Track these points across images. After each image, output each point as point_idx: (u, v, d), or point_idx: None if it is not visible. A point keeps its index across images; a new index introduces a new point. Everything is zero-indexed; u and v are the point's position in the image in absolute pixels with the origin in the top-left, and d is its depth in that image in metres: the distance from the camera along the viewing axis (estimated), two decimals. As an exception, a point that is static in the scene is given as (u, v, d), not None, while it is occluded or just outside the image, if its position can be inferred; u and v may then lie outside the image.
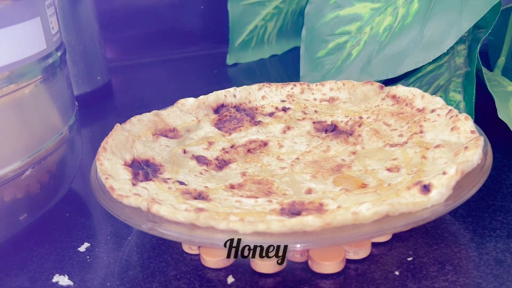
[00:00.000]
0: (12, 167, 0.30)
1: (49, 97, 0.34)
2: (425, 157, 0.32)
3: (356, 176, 0.33)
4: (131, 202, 0.29)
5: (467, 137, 0.32)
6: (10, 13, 0.30)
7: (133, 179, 0.32)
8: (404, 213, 0.26)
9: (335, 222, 0.25)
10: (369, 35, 0.49)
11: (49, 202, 0.35)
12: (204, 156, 0.36)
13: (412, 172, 0.31)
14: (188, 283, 0.29)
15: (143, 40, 0.78)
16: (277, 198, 0.30)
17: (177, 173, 0.34)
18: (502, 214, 0.33)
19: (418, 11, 0.46)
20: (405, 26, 0.47)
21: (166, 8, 0.77)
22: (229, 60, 0.72)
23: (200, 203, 0.29)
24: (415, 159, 0.33)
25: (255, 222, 0.26)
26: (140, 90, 0.67)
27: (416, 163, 0.32)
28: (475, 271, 0.28)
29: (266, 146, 0.38)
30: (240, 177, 0.34)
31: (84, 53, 0.59)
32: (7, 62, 0.30)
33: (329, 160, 0.36)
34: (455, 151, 0.31)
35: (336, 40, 0.51)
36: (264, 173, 0.35)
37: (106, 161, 0.32)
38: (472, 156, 0.29)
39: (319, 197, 0.30)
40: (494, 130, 0.38)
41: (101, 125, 0.56)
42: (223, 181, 0.34)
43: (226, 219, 0.26)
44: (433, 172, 0.30)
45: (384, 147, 0.36)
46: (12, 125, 0.30)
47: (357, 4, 0.50)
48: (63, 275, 0.31)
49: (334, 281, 0.28)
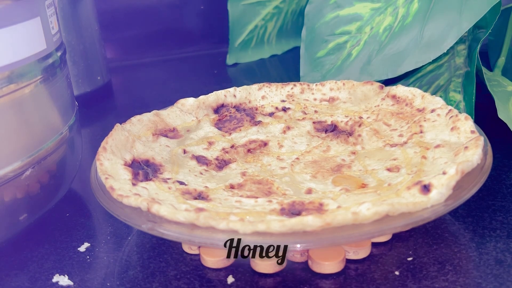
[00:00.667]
0: (12, 167, 0.30)
1: (49, 97, 0.34)
2: (425, 157, 0.32)
3: (356, 176, 0.33)
4: (131, 202, 0.29)
5: (467, 137, 0.32)
6: (10, 13, 0.30)
7: (133, 179, 0.32)
8: (404, 213, 0.26)
9: (335, 222, 0.25)
10: (369, 35, 0.49)
11: (49, 202, 0.35)
12: (204, 156, 0.36)
13: (412, 172, 0.31)
14: (188, 283, 0.29)
15: (143, 40, 0.78)
16: (277, 198, 0.30)
17: (177, 173, 0.34)
18: (502, 214, 0.33)
19: (418, 11, 0.46)
20: (405, 26, 0.47)
21: (166, 8, 0.77)
22: (229, 60, 0.72)
23: (200, 203, 0.29)
24: (415, 159, 0.33)
25: (255, 222, 0.26)
26: (140, 90, 0.67)
27: (416, 163, 0.32)
28: (475, 271, 0.28)
29: (266, 146, 0.38)
30: (240, 177, 0.34)
31: (84, 53, 0.59)
32: (7, 62, 0.30)
33: (329, 160, 0.36)
34: (455, 151, 0.31)
35: (336, 40, 0.51)
36: (264, 173, 0.35)
37: (106, 161, 0.32)
38: (472, 156, 0.29)
39: (319, 197, 0.30)
40: (494, 130, 0.38)
41: (101, 125, 0.56)
42: (223, 181, 0.34)
43: (226, 219, 0.26)
44: (433, 172, 0.30)
45: (384, 147, 0.36)
46: (12, 125, 0.30)
47: (357, 4, 0.50)
48: (63, 275, 0.31)
49: (334, 281, 0.28)
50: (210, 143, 0.38)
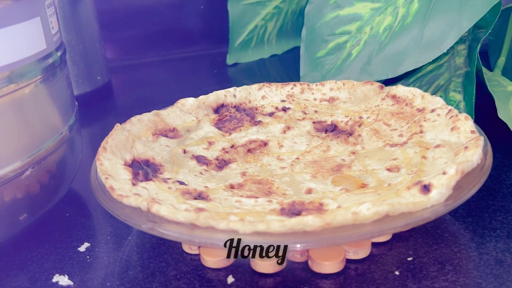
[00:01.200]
0: (12, 167, 0.30)
1: (49, 97, 0.34)
2: (425, 157, 0.32)
3: (356, 176, 0.33)
4: (131, 202, 0.29)
5: (467, 137, 0.32)
6: (10, 13, 0.30)
7: (133, 179, 0.32)
8: (404, 213, 0.26)
9: (335, 222, 0.25)
10: (369, 35, 0.49)
11: (49, 202, 0.35)
12: (204, 156, 0.36)
13: (412, 172, 0.31)
14: (188, 283, 0.29)
15: (143, 40, 0.78)
16: (277, 198, 0.30)
17: (177, 173, 0.34)
18: (502, 214, 0.33)
19: (418, 11, 0.46)
20: (405, 26, 0.47)
21: (166, 8, 0.77)
22: (229, 60, 0.72)
23: (200, 203, 0.29)
24: (415, 159, 0.33)
25: (255, 222, 0.26)
26: (140, 90, 0.67)
27: (416, 163, 0.32)
28: (475, 271, 0.28)
29: (266, 146, 0.38)
30: (240, 177, 0.34)
31: (84, 53, 0.59)
32: (7, 62, 0.30)
33: (329, 160, 0.36)
34: (455, 151, 0.31)
35: (336, 40, 0.51)
36: (264, 173, 0.35)
37: (106, 161, 0.32)
38: (472, 156, 0.29)
39: (319, 197, 0.30)
40: (494, 130, 0.38)
41: (101, 125, 0.56)
42: (223, 181, 0.34)
43: (226, 219, 0.26)
44: (433, 172, 0.30)
45: (384, 147, 0.36)
46: (12, 125, 0.30)
47: (357, 4, 0.50)
48: (63, 275, 0.31)
49: (334, 281, 0.28)
50: (210, 143, 0.38)
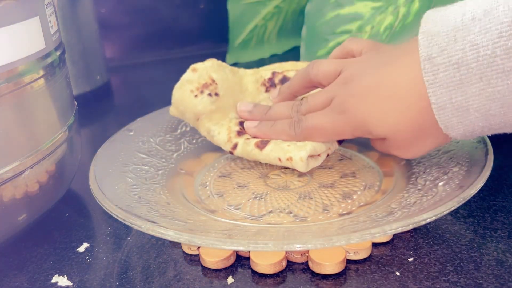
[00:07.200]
0: (11, 167, 0.30)
1: (48, 97, 0.34)
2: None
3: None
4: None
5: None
6: (9, 12, 0.30)
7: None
8: (405, 214, 0.26)
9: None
10: (370, 34, 0.49)
11: (48, 202, 0.35)
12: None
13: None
14: (187, 284, 0.29)
15: (142, 39, 0.78)
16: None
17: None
18: (503, 214, 0.33)
19: (419, 10, 0.46)
20: (406, 25, 0.47)
21: (166, 8, 0.77)
22: (229, 59, 0.72)
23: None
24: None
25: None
26: (140, 90, 0.67)
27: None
28: (476, 272, 0.28)
29: None
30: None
31: (83, 53, 0.59)
32: (6, 61, 0.30)
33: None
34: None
35: (337, 39, 0.51)
36: None
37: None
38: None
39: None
40: (495, 130, 0.38)
41: (100, 125, 0.56)
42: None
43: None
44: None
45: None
46: (11, 124, 0.30)
47: (358, 3, 0.50)
48: (62, 276, 0.31)
49: (335, 281, 0.28)
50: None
